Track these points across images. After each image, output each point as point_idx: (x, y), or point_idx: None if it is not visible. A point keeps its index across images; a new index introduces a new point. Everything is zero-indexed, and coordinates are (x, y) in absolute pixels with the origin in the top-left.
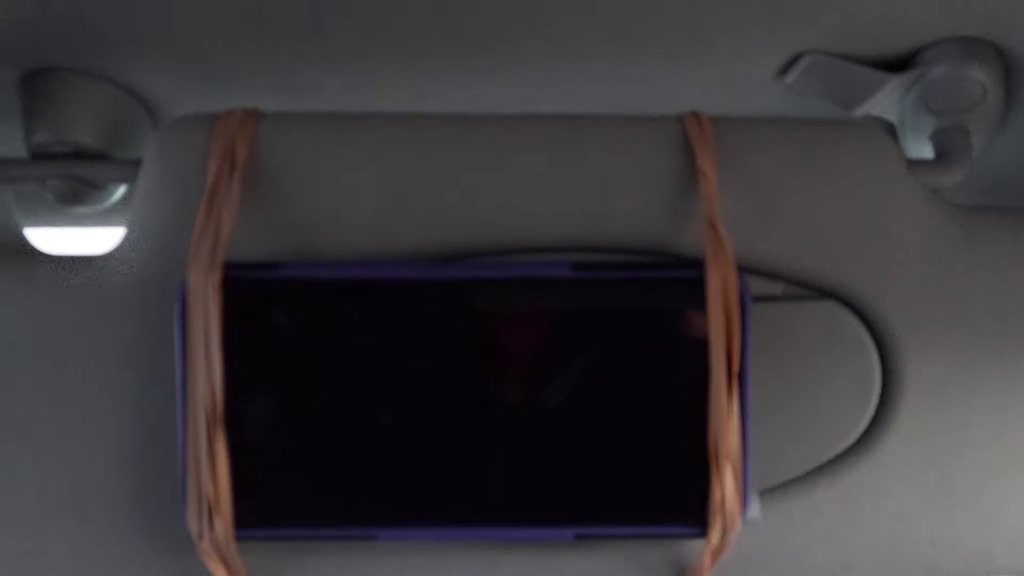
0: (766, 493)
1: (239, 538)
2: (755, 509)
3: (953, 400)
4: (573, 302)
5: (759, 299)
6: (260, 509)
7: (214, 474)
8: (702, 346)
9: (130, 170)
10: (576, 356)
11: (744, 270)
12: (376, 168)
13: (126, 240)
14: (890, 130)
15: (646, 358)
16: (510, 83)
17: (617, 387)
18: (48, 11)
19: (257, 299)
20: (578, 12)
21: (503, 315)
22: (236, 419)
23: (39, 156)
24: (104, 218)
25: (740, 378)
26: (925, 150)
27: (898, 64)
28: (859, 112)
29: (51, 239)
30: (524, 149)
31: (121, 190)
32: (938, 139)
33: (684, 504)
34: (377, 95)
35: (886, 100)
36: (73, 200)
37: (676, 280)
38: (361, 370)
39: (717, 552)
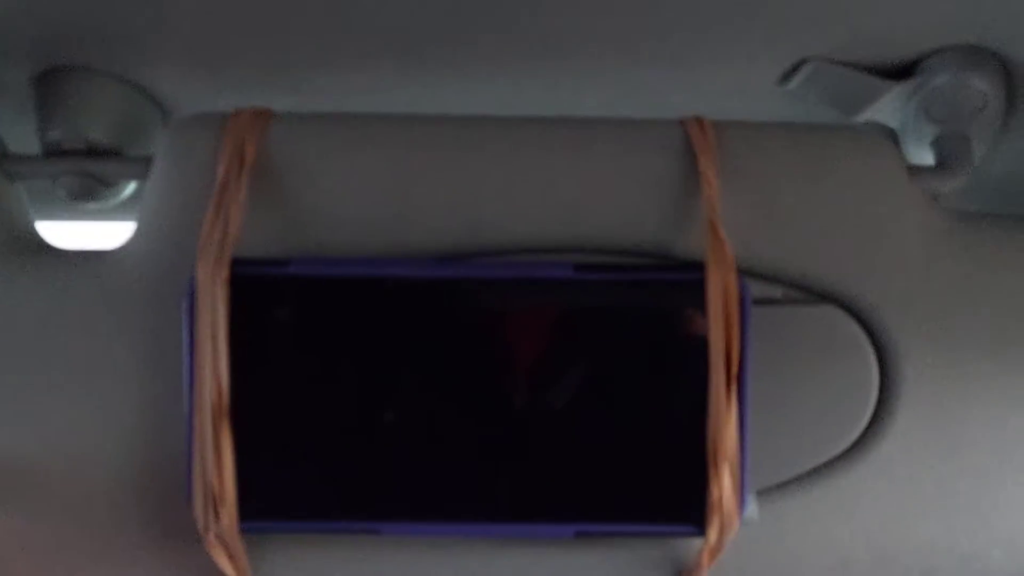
0: (763, 493)
1: (244, 531)
2: (752, 509)
3: (950, 405)
4: (575, 302)
5: (759, 302)
6: (265, 502)
7: (220, 467)
8: (702, 348)
9: (141, 167)
10: (577, 356)
11: (744, 273)
12: (383, 168)
13: (136, 236)
14: (891, 136)
15: (646, 359)
16: (516, 87)
17: (617, 387)
18: (63, 11)
19: (265, 295)
20: (583, 17)
21: (506, 314)
22: (243, 413)
23: (52, 153)
24: (114, 214)
25: (739, 380)
26: (926, 156)
27: (900, 72)
28: (861, 118)
29: (61, 233)
30: (529, 151)
31: (132, 187)
32: (939, 146)
33: (682, 503)
34: (386, 97)
35: (887, 107)
36: (84, 196)
37: (677, 282)
38: (366, 366)
39: (714, 551)
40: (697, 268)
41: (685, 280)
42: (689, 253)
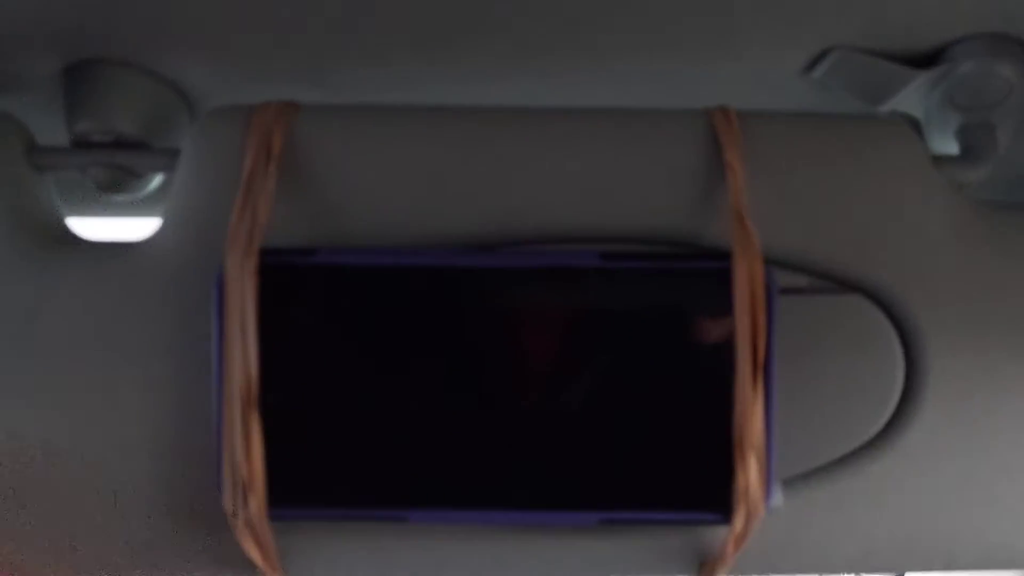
0: (789, 482)
1: (272, 517)
2: (778, 497)
3: (976, 394)
4: (601, 291)
5: (785, 291)
6: (293, 489)
7: (248, 454)
8: (728, 336)
9: (169, 159)
10: (603, 344)
11: (770, 263)
12: (409, 158)
13: (164, 227)
14: (915, 126)
15: (673, 347)
16: (542, 78)
17: (644, 375)
18: (91, 3)
19: (292, 284)
20: (608, 8)
21: (533, 302)
22: (271, 401)
23: (81, 145)
24: (142, 206)
25: (765, 369)
26: (950, 146)
27: (925, 60)
28: (885, 107)
29: (91, 228)
30: (554, 141)
31: (159, 178)
32: (963, 135)
33: (708, 491)
34: (411, 89)
35: (912, 96)
36: (112, 188)
37: (704, 271)
38: (393, 354)
39: (740, 539)
40: (724, 257)
41: (712, 269)
42: (715, 242)
